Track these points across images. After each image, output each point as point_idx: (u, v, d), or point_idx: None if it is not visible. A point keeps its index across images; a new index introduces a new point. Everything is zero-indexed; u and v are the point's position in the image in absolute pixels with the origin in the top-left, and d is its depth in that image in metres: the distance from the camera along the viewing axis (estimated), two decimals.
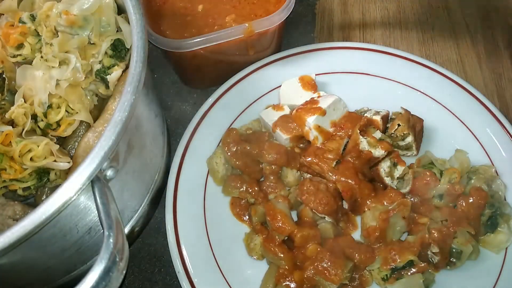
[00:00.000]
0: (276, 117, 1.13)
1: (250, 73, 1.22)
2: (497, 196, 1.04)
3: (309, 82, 1.17)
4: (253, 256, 1.02)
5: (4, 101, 0.89)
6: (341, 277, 0.93)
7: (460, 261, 0.98)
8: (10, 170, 0.82)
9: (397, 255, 0.96)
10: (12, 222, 0.79)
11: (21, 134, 0.84)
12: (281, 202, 1.02)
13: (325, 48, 1.27)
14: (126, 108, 0.72)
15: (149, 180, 0.98)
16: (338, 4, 1.47)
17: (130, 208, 0.93)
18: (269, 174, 1.07)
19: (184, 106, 1.28)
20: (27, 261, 0.75)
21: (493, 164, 1.10)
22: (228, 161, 1.09)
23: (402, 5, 1.46)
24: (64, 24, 0.87)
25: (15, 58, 0.90)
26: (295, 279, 0.96)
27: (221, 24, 1.16)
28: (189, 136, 1.13)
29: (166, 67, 1.34)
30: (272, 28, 1.13)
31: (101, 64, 0.89)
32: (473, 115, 1.16)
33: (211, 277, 0.99)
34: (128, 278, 1.06)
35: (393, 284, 0.96)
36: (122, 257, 0.65)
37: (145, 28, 0.81)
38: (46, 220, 0.64)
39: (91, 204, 0.74)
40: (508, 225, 1.01)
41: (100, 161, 0.68)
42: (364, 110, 1.14)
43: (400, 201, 1.00)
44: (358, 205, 1.03)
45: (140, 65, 0.76)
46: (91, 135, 0.86)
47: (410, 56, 1.24)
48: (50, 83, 0.86)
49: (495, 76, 1.32)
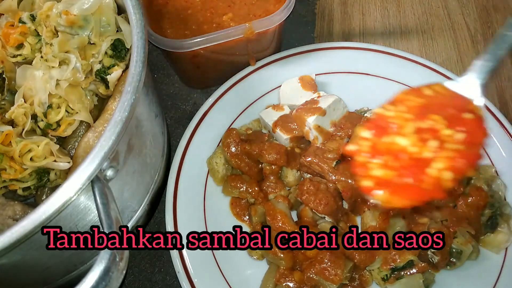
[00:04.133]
0: (276, 117, 1.13)
1: (250, 73, 1.22)
2: (497, 196, 1.04)
3: (309, 82, 1.17)
4: (253, 256, 1.02)
5: (4, 101, 0.89)
6: (341, 277, 0.93)
7: (460, 261, 0.98)
8: (10, 170, 0.82)
9: (397, 255, 0.96)
10: (12, 222, 0.79)
11: (21, 134, 0.84)
12: (281, 202, 1.02)
13: (325, 48, 1.27)
14: (126, 108, 0.72)
15: (149, 180, 0.98)
16: (338, 4, 1.47)
17: (130, 208, 0.93)
18: (269, 174, 1.07)
19: (184, 106, 1.28)
20: (27, 261, 0.75)
21: (493, 164, 1.10)
22: (228, 161, 1.09)
23: (402, 5, 1.46)
24: (64, 24, 0.86)
25: (15, 58, 0.90)
26: (295, 279, 0.96)
27: (219, 23, 1.16)
28: (189, 136, 1.13)
29: (166, 67, 1.34)
30: (272, 28, 1.13)
31: (101, 64, 0.89)
32: None
33: (211, 277, 0.99)
34: (128, 278, 1.06)
35: (393, 284, 0.97)
36: (122, 257, 0.65)
37: (145, 28, 0.81)
38: (46, 220, 0.63)
39: (91, 204, 0.74)
40: (508, 225, 1.01)
41: (100, 161, 0.68)
42: (364, 110, 1.14)
43: None
44: (358, 205, 1.03)
45: (140, 65, 0.76)
46: (91, 135, 0.86)
47: (410, 56, 1.24)
48: (50, 83, 0.86)
49: (495, 76, 1.32)
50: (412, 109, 0.48)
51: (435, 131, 0.45)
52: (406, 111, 0.48)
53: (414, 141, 0.45)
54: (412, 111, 0.47)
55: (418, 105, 0.48)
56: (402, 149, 0.45)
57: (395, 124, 0.47)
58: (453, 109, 0.46)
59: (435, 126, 0.45)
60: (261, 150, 1.06)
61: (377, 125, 0.50)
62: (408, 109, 0.48)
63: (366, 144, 0.49)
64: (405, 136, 0.45)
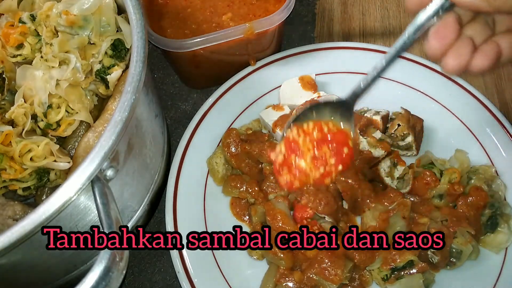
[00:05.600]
0: (276, 117, 1.13)
1: (250, 73, 1.22)
2: (497, 196, 1.04)
3: (309, 82, 1.17)
4: (253, 256, 1.02)
5: (4, 101, 0.89)
6: (341, 277, 0.93)
7: (460, 261, 0.98)
8: (10, 170, 0.82)
9: (397, 255, 0.96)
10: (12, 222, 0.79)
11: (21, 134, 0.84)
12: (281, 202, 1.02)
13: (325, 48, 1.27)
14: (126, 108, 0.72)
15: (149, 180, 0.98)
16: (338, 4, 1.47)
17: (130, 208, 0.93)
18: (269, 174, 1.07)
19: (184, 106, 1.28)
20: (27, 261, 0.75)
21: (493, 164, 1.10)
22: (228, 161, 1.09)
23: (402, 5, 1.46)
24: (64, 24, 0.87)
25: (15, 58, 0.90)
26: (295, 279, 0.96)
27: (218, 22, 1.16)
28: (189, 136, 1.13)
29: (166, 67, 1.34)
30: (272, 28, 1.13)
31: (101, 64, 0.89)
32: (473, 115, 1.16)
33: (211, 277, 0.99)
34: (128, 278, 1.06)
35: (393, 284, 0.97)
36: (122, 257, 0.65)
37: (145, 28, 0.81)
38: (46, 220, 0.64)
39: (91, 204, 0.74)
40: (508, 225, 1.01)
41: (100, 161, 0.68)
42: (364, 110, 1.14)
43: (400, 201, 1.00)
44: (358, 205, 1.03)
45: (140, 65, 0.76)
46: (91, 135, 0.86)
47: (410, 56, 1.24)
48: (50, 83, 0.86)
49: (495, 76, 1.32)
50: (312, 142, 0.77)
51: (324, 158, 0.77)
52: (309, 142, 0.77)
53: (309, 163, 0.77)
54: (312, 143, 0.77)
55: (316, 139, 0.77)
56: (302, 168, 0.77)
57: (300, 150, 0.77)
58: (336, 142, 0.77)
59: (324, 155, 0.77)
60: (261, 150, 1.06)
61: (290, 146, 0.78)
62: (310, 141, 0.77)
63: (281, 157, 0.79)
64: (305, 161, 0.77)
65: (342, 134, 0.79)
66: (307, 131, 0.78)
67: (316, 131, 0.78)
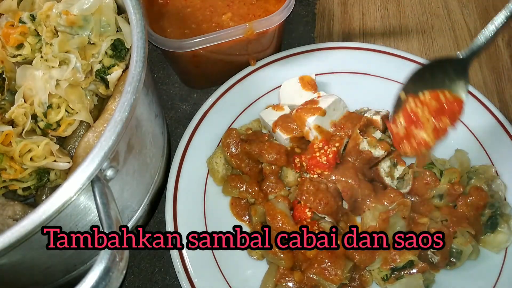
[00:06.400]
0: (276, 117, 1.13)
1: (250, 73, 1.22)
2: (497, 196, 1.04)
3: (309, 82, 1.17)
4: (253, 256, 1.02)
5: (4, 101, 0.89)
6: (341, 277, 0.93)
7: (460, 261, 0.98)
8: (10, 170, 0.82)
9: (397, 255, 0.96)
10: (12, 222, 0.79)
11: (21, 134, 0.84)
12: (281, 202, 1.02)
13: (325, 48, 1.27)
14: (126, 108, 0.72)
15: (149, 180, 0.98)
16: (338, 4, 1.47)
17: (130, 208, 0.93)
18: (269, 174, 1.07)
19: (184, 106, 1.28)
20: (27, 261, 0.75)
21: (493, 164, 1.10)
22: (228, 161, 1.09)
23: (402, 5, 1.46)
24: (64, 24, 0.87)
25: (15, 58, 0.90)
26: (295, 279, 0.96)
27: (218, 22, 1.16)
28: (189, 136, 1.13)
29: (166, 67, 1.34)
30: (272, 28, 1.13)
31: (101, 64, 0.89)
32: (473, 115, 1.16)
33: (211, 277, 0.99)
34: (128, 278, 1.06)
35: (393, 284, 0.97)
36: (122, 257, 0.65)
37: (145, 28, 0.81)
38: (46, 220, 0.64)
39: (91, 204, 0.74)
40: (508, 225, 1.01)
41: (100, 161, 0.68)
42: (364, 110, 1.14)
43: (400, 201, 1.00)
44: (358, 205, 1.03)
45: (140, 65, 0.76)
46: (91, 135, 0.86)
47: (410, 56, 1.24)
48: (50, 83, 0.86)
49: (495, 76, 1.32)
50: (431, 112, 0.78)
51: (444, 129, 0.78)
52: (428, 112, 0.78)
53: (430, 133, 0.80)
54: (431, 113, 0.78)
55: (434, 109, 0.77)
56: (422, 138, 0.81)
57: (420, 121, 0.79)
58: (451, 111, 0.78)
59: (444, 125, 0.78)
60: (261, 150, 1.06)
61: (409, 116, 0.81)
62: (429, 111, 0.78)
63: (401, 128, 0.83)
64: (426, 132, 0.79)
65: (458, 102, 0.80)
66: (424, 101, 0.80)
67: (433, 100, 0.80)
